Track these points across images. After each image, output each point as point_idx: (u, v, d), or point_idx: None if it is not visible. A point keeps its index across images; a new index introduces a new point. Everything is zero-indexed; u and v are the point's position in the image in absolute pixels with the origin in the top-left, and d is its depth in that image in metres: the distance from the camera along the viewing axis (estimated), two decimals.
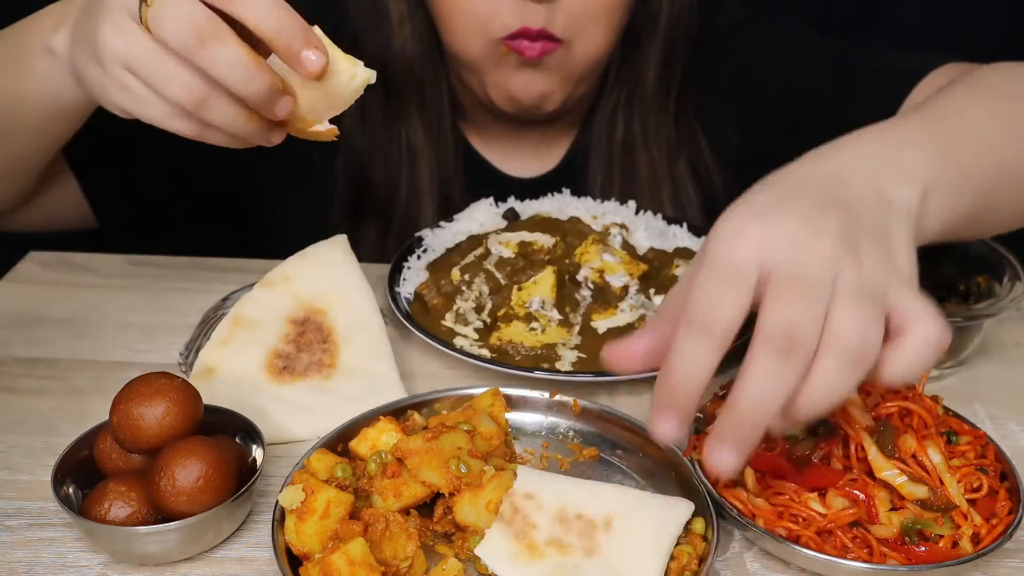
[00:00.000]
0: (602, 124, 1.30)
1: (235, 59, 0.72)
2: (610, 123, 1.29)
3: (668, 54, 1.25)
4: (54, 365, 0.96)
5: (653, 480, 0.82)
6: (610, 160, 1.30)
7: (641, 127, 1.28)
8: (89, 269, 1.15)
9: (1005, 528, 0.74)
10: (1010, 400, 0.97)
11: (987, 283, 1.04)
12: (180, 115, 0.77)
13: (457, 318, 1.02)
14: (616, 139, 1.29)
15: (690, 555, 0.71)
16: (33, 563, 0.72)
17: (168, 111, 0.77)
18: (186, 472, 0.70)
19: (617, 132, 1.29)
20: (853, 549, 0.72)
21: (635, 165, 1.29)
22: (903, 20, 1.71)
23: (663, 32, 1.23)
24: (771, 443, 0.77)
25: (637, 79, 1.26)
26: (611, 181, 1.29)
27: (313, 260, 0.95)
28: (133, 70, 0.76)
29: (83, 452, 0.76)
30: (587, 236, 1.10)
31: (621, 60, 1.26)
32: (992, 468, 0.79)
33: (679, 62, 1.26)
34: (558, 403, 0.88)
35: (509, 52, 1.12)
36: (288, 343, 0.91)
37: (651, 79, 1.26)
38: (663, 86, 1.27)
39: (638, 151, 1.29)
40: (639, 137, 1.28)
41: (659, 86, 1.26)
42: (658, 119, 1.28)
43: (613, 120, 1.29)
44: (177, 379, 0.75)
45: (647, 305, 1.04)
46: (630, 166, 1.29)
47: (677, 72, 1.27)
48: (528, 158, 1.34)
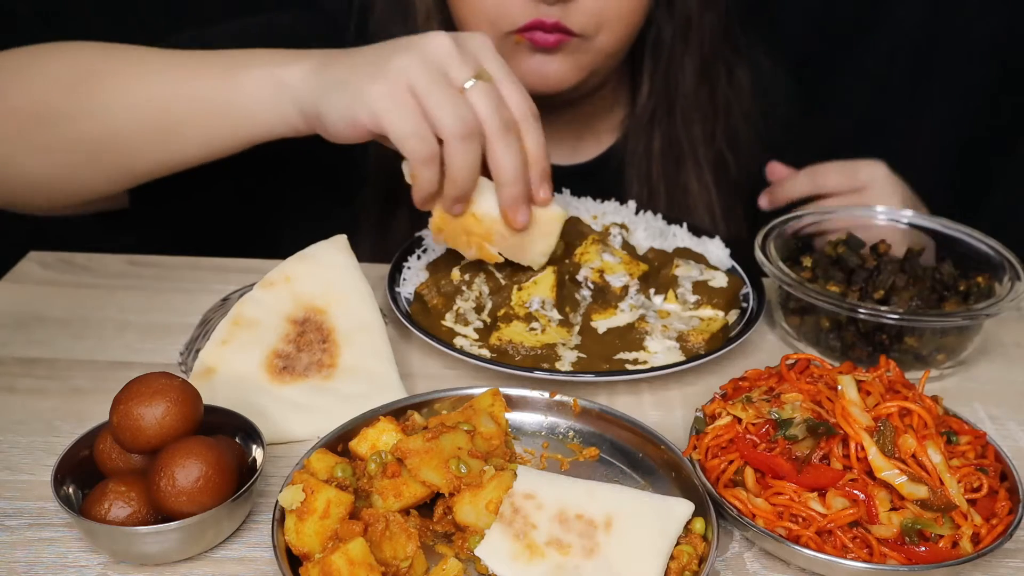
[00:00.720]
0: (638, 133, 1.31)
1: (518, 157, 0.93)
2: (648, 132, 1.31)
3: (705, 64, 1.27)
4: (54, 365, 0.96)
5: (653, 480, 0.82)
6: (648, 169, 1.31)
7: (685, 136, 1.30)
8: (89, 269, 1.15)
9: (1005, 528, 0.74)
10: (1010, 400, 0.97)
11: (987, 283, 1.04)
12: (422, 138, 0.90)
13: (457, 318, 1.02)
14: (654, 149, 1.31)
15: (690, 555, 0.71)
16: (33, 563, 0.72)
17: (420, 134, 0.90)
18: (186, 472, 0.70)
19: (656, 142, 1.30)
20: (853, 549, 0.72)
21: (677, 175, 1.31)
22: (903, 20, 1.71)
23: (696, 43, 1.26)
24: (771, 443, 0.77)
25: (676, 88, 1.28)
26: (650, 189, 1.31)
27: (313, 260, 0.95)
28: (416, 92, 0.89)
29: (83, 452, 0.76)
30: (587, 236, 1.10)
31: (653, 68, 1.27)
32: (992, 468, 0.79)
33: (719, 72, 1.28)
34: (558, 403, 0.88)
35: (522, 41, 1.13)
36: (288, 343, 0.91)
37: (690, 89, 1.28)
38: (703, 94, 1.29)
39: (681, 161, 1.31)
40: (682, 147, 1.30)
41: (698, 95, 1.29)
42: (702, 129, 1.30)
43: (651, 129, 1.30)
44: (177, 379, 0.75)
45: (647, 305, 1.05)
46: (673, 176, 1.31)
47: (718, 80, 1.29)
48: (569, 152, 1.35)
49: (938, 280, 1.04)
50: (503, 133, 0.91)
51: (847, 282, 1.04)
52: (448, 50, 0.90)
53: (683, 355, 0.98)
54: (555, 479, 0.75)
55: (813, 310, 1.02)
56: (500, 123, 0.90)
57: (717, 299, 1.05)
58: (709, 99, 1.30)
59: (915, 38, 1.70)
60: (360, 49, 0.96)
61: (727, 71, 1.31)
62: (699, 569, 0.70)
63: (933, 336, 0.99)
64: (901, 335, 0.99)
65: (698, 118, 1.30)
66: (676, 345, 0.99)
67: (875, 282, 1.03)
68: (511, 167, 0.92)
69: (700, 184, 1.31)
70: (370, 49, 0.95)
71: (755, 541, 0.77)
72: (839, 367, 0.85)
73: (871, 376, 0.82)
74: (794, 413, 0.78)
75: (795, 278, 1.01)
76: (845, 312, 0.97)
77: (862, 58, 1.74)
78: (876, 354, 0.98)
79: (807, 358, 0.87)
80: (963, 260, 1.07)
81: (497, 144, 0.91)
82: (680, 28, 1.25)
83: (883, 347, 0.99)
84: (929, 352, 0.99)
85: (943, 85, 1.71)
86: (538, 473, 0.76)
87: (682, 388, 0.98)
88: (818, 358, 0.86)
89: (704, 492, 0.76)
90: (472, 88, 0.90)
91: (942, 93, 1.72)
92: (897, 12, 1.71)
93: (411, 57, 0.90)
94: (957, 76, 1.70)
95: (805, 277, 1.05)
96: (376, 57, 0.92)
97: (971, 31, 1.68)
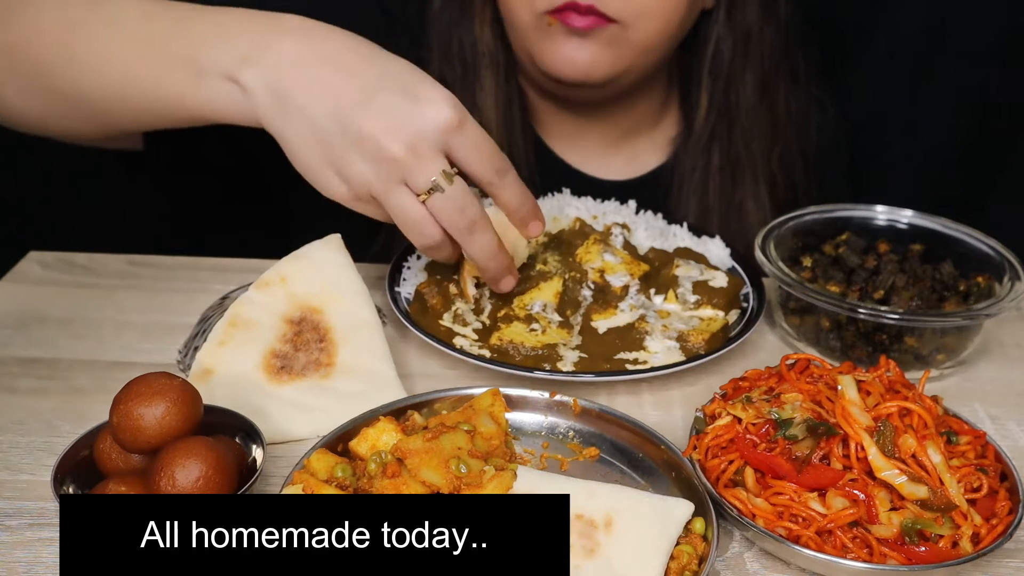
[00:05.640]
0: (697, 149, 1.31)
1: (488, 244, 0.93)
2: (707, 149, 1.30)
3: (765, 81, 1.27)
4: (54, 365, 0.96)
5: (653, 480, 0.82)
6: (705, 186, 1.31)
7: (744, 154, 1.30)
8: (89, 269, 1.15)
9: (1005, 528, 0.74)
10: (1010, 400, 0.97)
11: (987, 283, 1.04)
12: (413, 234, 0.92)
13: (455, 318, 1.02)
14: (712, 165, 1.30)
15: (690, 555, 0.71)
16: (33, 563, 0.72)
17: (382, 215, 0.92)
18: (186, 472, 0.69)
19: (714, 158, 1.30)
20: (853, 549, 0.72)
21: (733, 192, 1.31)
22: (903, 20, 1.71)
23: (756, 56, 1.26)
24: (771, 443, 0.77)
25: (737, 103, 1.28)
26: (706, 207, 1.31)
27: (307, 260, 0.95)
28: (387, 205, 0.89)
29: (83, 452, 0.76)
30: (588, 236, 1.10)
31: (712, 83, 1.27)
32: (992, 468, 0.79)
33: (778, 87, 1.29)
34: (558, 403, 0.88)
35: (555, 23, 1.13)
36: (285, 343, 0.91)
37: (751, 106, 1.28)
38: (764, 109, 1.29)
39: (738, 178, 1.31)
40: (741, 164, 1.30)
41: (758, 110, 1.29)
42: (760, 145, 1.30)
43: (710, 145, 1.30)
44: (177, 379, 0.75)
45: (647, 305, 1.04)
46: (728, 193, 1.31)
47: (777, 96, 1.29)
48: (609, 166, 1.36)
49: (938, 280, 1.04)
50: (467, 233, 0.91)
51: (847, 282, 1.04)
52: (405, 153, 0.86)
53: (683, 355, 0.98)
54: (555, 479, 0.75)
55: (813, 310, 1.02)
56: (464, 224, 0.90)
57: (717, 299, 1.05)
58: (768, 115, 1.30)
59: (915, 38, 1.70)
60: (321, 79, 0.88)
61: (785, 88, 1.31)
62: (699, 569, 0.70)
63: (933, 336, 0.99)
64: (901, 335, 0.99)
65: (758, 134, 1.30)
66: (676, 345, 0.99)
67: (875, 282, 1.03)
68: (484, 256, 0.94)
69: (756, 202, 1.31)
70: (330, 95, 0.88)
71: (755, 541, 0.77)
72: (839, 367, 0.85)
73: (871, 376, 0.82)
74: (794, 413, 0.78)
75: (795, 278, 1.01)
76: (845, 312, 0.97)
77: (862, 58, 1.73)
78: (876, 354, 0.98)
79: (807, 358, 0.87)
80: (963, 260, 1.07)
81: (464, 242, 0.92)
82: (740, 41, 1.25)
83: (883, 347, 0.99)
84: (929, 352, 0.99)
85: (943, 85, 1.71)
86: (538, 473, 0.76)
87: (682, 388, 0.98)
88: (818, 358, 0.86)
89: (704, 492, 0.76)
90: (432, 199, 0.88)
91: (942, 93, 1.72)
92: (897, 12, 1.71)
93: (369, 166, 0.87)
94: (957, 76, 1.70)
95: (805, 277, 1.05)
96: (337, 124, 0.87)
97: (971, 31, 1.68)
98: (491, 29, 1.26)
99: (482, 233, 0.92)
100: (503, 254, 0.95)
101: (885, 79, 1.75)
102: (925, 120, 1.74)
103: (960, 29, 1.69)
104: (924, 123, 1.74)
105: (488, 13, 1.25)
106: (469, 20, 1.25)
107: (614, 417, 0.86)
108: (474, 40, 1.25)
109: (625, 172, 1.36)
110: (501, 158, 0.92)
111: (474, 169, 0.90)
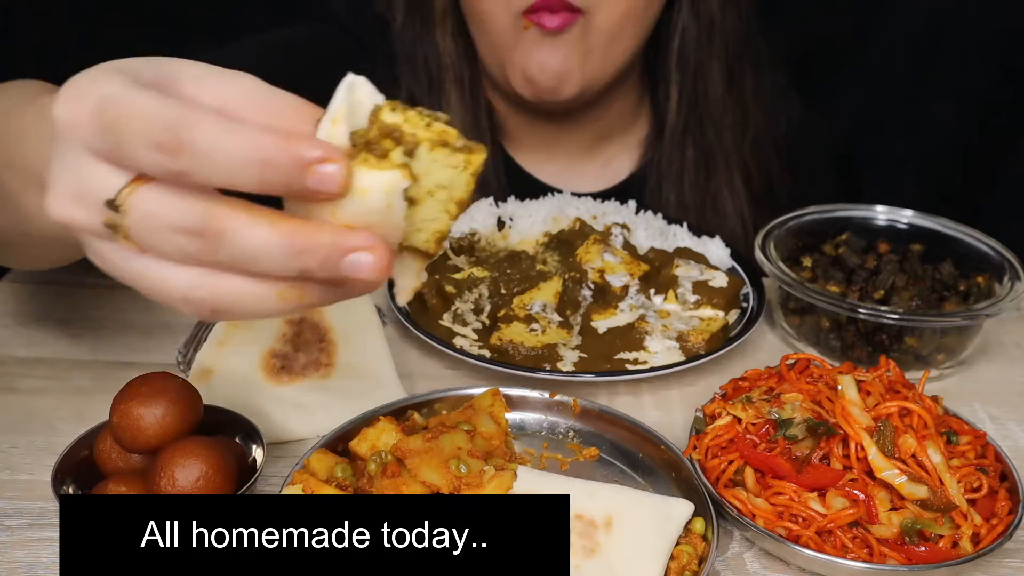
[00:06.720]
0: (672, 144, 1.31)
1: (259, 241, 0.52)
2: (681, 143, 1.30)
3: (730, 68, 1.27)
4: (54, 365, 0.96)
5: (653, 480, 0.82)
6: (681, 179, 1.31)
7: (717, 144, 1.30)
8: (89, 269, 1.15)
9: (1005, 528, 0.74)
10: (1010, 400, 0.97)
11: (987, 283, 1.04)
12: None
13: (455, 318, 1.02)
14: (687, 159, 1.30)
15: (690, 555, 0.71)
16: (33, 563, 0.72)
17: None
18: (186, 472, 0.69)
19: (688, 152, 1.30)
20: (853, 549, 0.72)
21: (708, 184, 1.31)
22: (903, 20, 1.71)
23: (720, 44, 1.26)
24: (771, 443, 0.77)
25: (706, 93, 1.28)
26: (684, 201, 1.31)
27: None
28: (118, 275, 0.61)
29: (83, 452, 0.76)
30: (588, 236, 1.10)
31: (681, 76, 1.27)
32: (992, 468, 0.79)
33: (744, 76, 1.29)
34: (558, 403, 0.88)
35: (530, 25, 1.13)
36: (285, 343, 0.91)
37: (719, 95, 1.28)
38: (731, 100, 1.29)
39: (713, 169, 1.31)
40: (714, 154, 1.30)
41: (726, 100, 1.29)
42: (731, 134, 1.30)
43: (684, 139, 1.30)
44: (177, 379, 0.75)
45: (647, 305, 1.05)
46: (703, 185, 1.31)
47: (744, 84, 1.29)
48: (582, 177, 1.35)
49: (938, 280, 1.05)
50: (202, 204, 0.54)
51: (847, 282, 1.04)
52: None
53: (683, 355, 0.98)
54: (555, 479, 0.75)
55: (813, 310, 1.02)
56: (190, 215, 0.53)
57: (717, 299, 1.05)
58: (736, 104, 1.30)
59: (915, 38, 1.70)
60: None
61: (751, 74, 1.31)
62: (699, 569, 0.70)
63: (933, 336, 0.99)
64: (901, 335, 0.99)
65: (728, 123, 1.30)
66: (676, 345, 0.99)
67: (875, 282, 1.03)
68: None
69: (731, 191, 1.31)
70: None
71: (755, 541, 0.77)
72: (839, 367, 0.85)
73: (871, 376, 0.82)
74: (794, 413, 0.78)
75: (795, 278, 1.01)
76: (845, 312, 0.97)
77: (862, 58, 1.74)
78: (876, 354, 0.98)
79: (807, 358, 0.87)
80: (963, 260, 1.07)
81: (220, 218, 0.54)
82: (704, 29, 1.25)
83: (883, 347, 0.99)
84: (929, 352, 0.99)
85: (943, 85, 1.71)
86: (538, 473, 0.76)
87: (682, 388, 0.97)
88: (818, 358, 0.86)
89: (704, 492, 0.76)
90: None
91: (942, 93, 1.72)
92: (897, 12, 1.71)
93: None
94: (957, 76, 1.70)
95: (805, 277, 1.05)
96: None
97: (971, 31, 1.68)
98: (453, 40, 1.25)
99: (232, 236, 0.52)
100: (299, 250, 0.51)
101: (885, 79, 1.75)
102: (925, 120, 1.74)
103: (960, 29, 1.70)
104: (924, 123, 1.75)
105: (449, 24, 1.24)
106: (431, 32, 1.24)
107: (614, 417, 0.86)
108: (438, 53, 1.25)
109: (598, 183, 1.35)
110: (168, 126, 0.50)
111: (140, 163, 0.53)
